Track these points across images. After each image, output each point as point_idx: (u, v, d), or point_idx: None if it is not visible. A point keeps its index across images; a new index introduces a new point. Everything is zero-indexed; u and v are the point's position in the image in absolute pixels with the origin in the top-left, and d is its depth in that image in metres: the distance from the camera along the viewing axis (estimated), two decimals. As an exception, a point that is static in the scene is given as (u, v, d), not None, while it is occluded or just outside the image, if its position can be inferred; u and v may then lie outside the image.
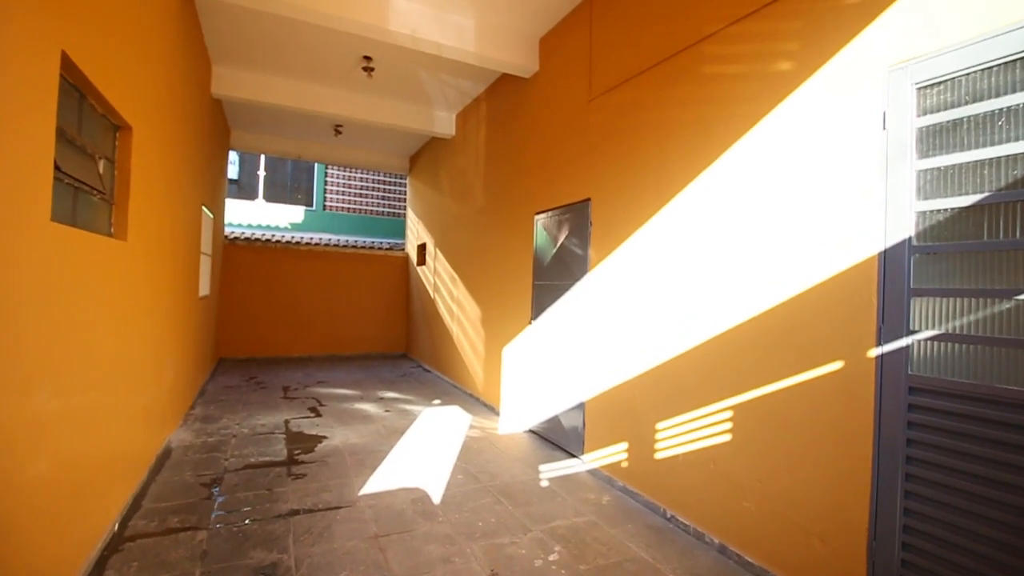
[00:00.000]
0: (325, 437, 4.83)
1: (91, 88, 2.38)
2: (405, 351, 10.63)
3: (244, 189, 12.41)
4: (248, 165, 12.50)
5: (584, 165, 4.41)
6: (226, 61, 6.07)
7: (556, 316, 4.73)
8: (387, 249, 10.85)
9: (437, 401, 6.47)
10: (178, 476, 3.76)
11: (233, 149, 9.05)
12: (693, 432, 3.16)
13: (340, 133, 8.73)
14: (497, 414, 5.83)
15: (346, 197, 13.01)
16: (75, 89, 2.36)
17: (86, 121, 2.52)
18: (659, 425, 3.43)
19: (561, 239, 4.72)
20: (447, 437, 4.93)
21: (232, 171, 12.00)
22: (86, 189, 2.55)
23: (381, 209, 13.32)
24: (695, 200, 3.22)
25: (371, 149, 10.08)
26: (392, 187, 13.46)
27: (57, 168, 2.16)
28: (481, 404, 6.31)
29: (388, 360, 9.95)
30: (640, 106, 3.77)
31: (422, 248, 9.57)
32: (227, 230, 10.20)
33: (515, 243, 5.63)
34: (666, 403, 3.38)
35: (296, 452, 4.38)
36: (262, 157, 12.37)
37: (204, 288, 6.51)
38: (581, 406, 4.29)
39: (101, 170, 2.70)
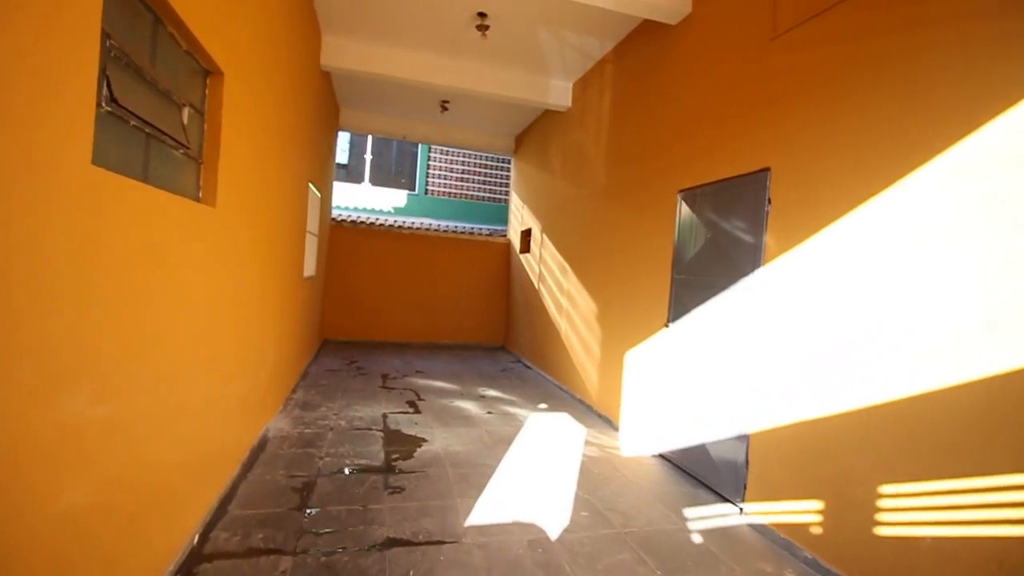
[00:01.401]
0: (424, 440, 4.30)
1: (166, 8, 1.88)
2: (503, 344, 10.07)
3: (351, 173, 12.57)
4: (356, 149, 12.63)
5: (760, 125, 3.37)
6: (335, 30, 5.74)
7: (706, 319, 3.76)
8: (488, 235, 10.33)
9: (543, 405, 5.75)
10: (270, 475, 3.38)
11: (342, 129, 8.97)
12: (956, 509, 2.10)
13: (447, 110, 8.26)
14: (616, 429, 4.98)
15: (447, 182, 12.73)
16: (148, 9, 1.88)
17: (163, 55, 2.04)
18: (885, 487, 2.39)
19: (718, 222, 3.72)
20: (560, 453, 4.18)
21: (342, 156, 12.17)
22: (169, 142, 2.09)
23: (482, 194, 12.89)
24: (973, 161, 2.12)
25: (477, 129, 9.57)
26: (493, 171, 12.95)
27: (116, 103, 1.66)
28: (595, 414, 5.48)
29: (486, 352, 9.45)
30: (856, 36, 2.68)
31: (526, 234, 8.88)
32: (334, 212, 10.26)
33: (648, 228, 4.70)
34: (899, 455, 2.34)
35: (394, 456, 3.87)
36: (369, 141, 12.42)
37: (309, 268, 6.33)
38: (743, 438, 3.31)
39: (186, 120, 2.24)
